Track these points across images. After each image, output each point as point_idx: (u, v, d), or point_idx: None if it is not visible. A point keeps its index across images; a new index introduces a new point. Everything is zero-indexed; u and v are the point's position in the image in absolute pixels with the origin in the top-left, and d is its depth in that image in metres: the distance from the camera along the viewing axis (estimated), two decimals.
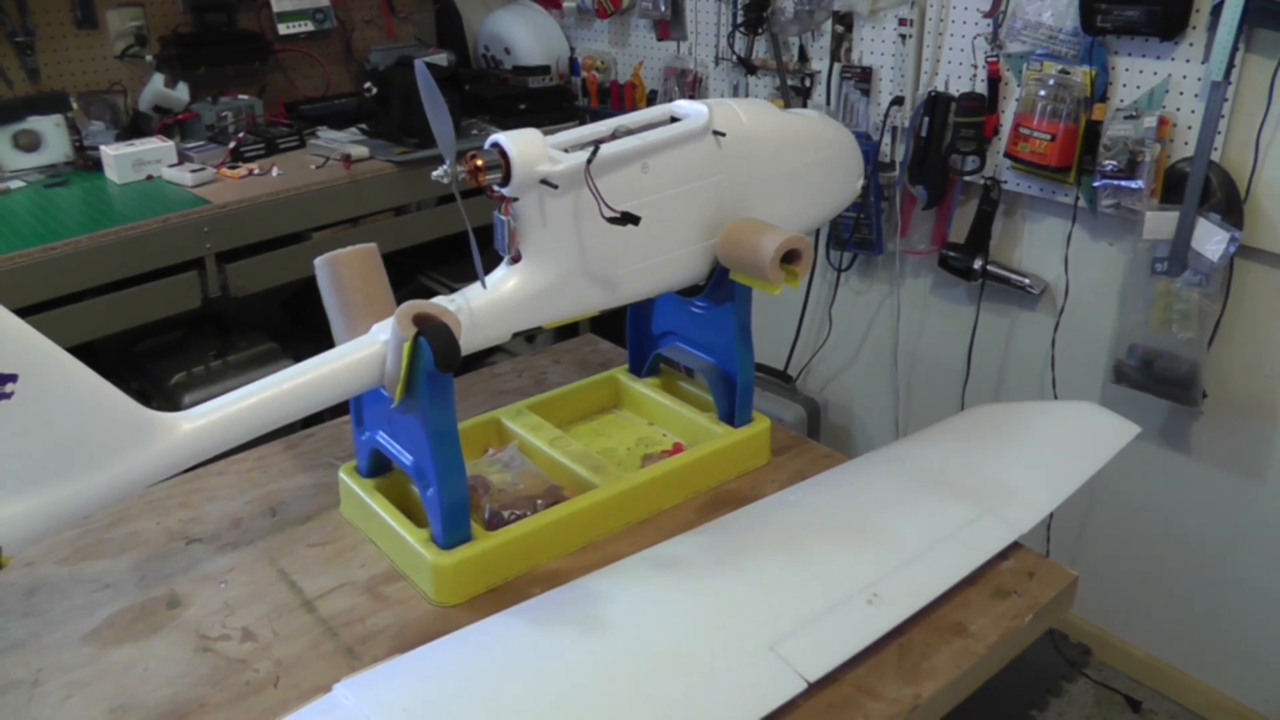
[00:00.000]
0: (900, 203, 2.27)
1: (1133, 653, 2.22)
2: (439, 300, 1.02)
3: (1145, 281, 1.87)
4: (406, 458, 1.05)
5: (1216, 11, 1.67)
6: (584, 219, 1.06)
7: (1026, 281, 2.12)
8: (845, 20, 2.23)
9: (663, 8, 2.55)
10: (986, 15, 1.98)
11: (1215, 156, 1.75)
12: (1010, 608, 1.04)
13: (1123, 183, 1.82)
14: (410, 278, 2.51)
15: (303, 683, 0.94)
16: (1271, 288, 1.80)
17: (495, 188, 1.02)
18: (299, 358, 1.00)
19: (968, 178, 2.11)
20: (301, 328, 2.68)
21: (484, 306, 1.04)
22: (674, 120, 1.17)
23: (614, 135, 1.11)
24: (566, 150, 1.06)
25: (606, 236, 1.08)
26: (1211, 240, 1.75)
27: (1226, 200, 1.76)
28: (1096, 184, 1.86)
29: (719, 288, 1.20)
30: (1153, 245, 1.84)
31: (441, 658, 0.90)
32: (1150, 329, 1.88)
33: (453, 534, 1.02)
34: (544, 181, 1.02)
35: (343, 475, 1.17)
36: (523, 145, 1.01)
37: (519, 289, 1.06)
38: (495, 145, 1.01)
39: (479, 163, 1.00)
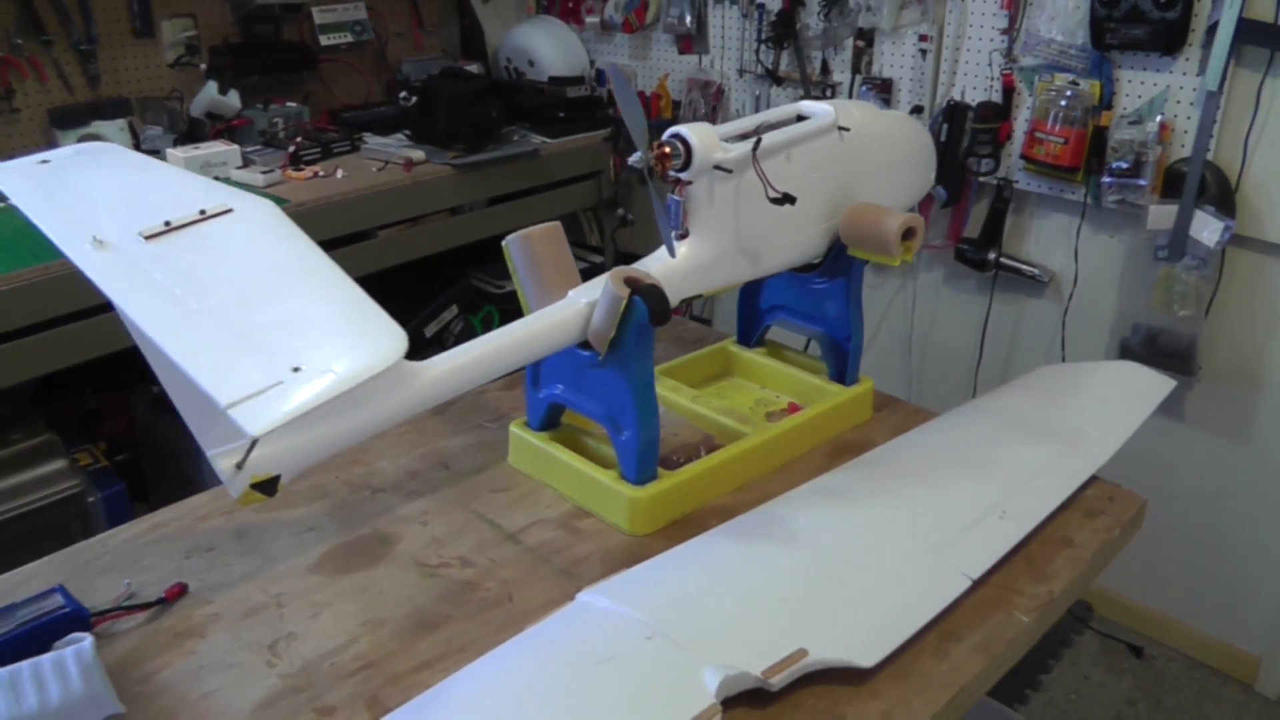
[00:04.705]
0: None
1: (1132, 605, 2.46)
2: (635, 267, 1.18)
3: (1148, 267, 2.12)
4: (594, 407, 1.20)
5: (1211, 31, 1.93)
6: (743, 200, 1.23)
7: (1036, 271, 2.36)
8: (867, 36, 2.45)
9: (688, 23, 2.74)
10: (1003, 32, 2.22)
11: (1209, 156, 2.00)
12: (1102, 524, 1.24)
13: (1129, 180, 2.06)
14: (456, 277, 2.64)
15: (535, 598, 1.07)
16: (1258, 270, 2.06)
17: (672, 173, 1.19)
18: None
19: (982, 178, 2.34)
20: None
21: (661, 274, 1.20)
22: (800, 118, 1.35)
23: (757, 130, 1.28)
24: (726, 141, 1.23)
25: (758, 216, 1.25)
26: (1207, 229, 2.00)
27: (1220, 194, 2.01)
28: (1104, 181, 2.10)
29: (836, 262, 1.38)
30: (1154, 235, 2.08)
31: (672, 565, 1.05)
32: (1153, 309, 2.12)
33: (644, 471, 1.17)
34: (718, 167, 1.19)
35: (515, 430, 1.31)
36: (701, 136, 1.17)
37: (687, 260, 1.22)
38: (677, 136, 1.18)
39: (666, 150, 1.16)
